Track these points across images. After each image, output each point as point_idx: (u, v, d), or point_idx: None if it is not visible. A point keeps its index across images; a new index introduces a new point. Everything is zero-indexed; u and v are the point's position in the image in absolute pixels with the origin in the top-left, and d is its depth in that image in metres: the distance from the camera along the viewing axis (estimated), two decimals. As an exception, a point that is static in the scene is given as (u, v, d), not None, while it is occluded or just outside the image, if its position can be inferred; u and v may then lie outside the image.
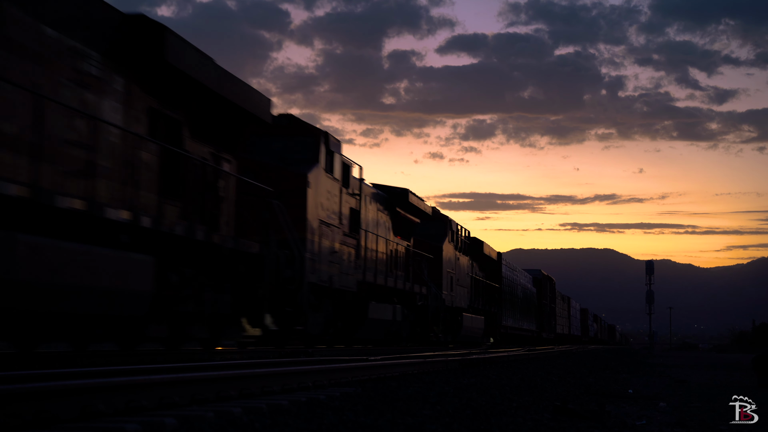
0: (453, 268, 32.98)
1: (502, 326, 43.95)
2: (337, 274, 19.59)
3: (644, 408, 9.59)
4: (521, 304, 51.96)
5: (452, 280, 32.61)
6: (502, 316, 43.89)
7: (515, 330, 48.83)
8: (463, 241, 35.79)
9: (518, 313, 50.00)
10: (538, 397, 9.25)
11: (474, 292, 37.85)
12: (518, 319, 49.94)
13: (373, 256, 23.11)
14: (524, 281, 54.66)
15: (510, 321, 46.83)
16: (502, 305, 44.41)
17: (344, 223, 20.46)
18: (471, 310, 36.35)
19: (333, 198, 19.69)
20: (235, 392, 7.44)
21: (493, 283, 42.79)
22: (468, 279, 36.46)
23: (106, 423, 5.24)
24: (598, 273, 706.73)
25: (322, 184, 18.98)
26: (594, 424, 7.23)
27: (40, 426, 5.08)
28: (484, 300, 40.21)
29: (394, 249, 25.50)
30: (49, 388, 5.40)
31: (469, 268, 37.01)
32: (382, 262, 24.05)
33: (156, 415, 5.68)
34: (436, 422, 6.28)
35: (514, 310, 48.66)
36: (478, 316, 37.37)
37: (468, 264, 36.64)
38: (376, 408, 6.96)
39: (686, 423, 8.10)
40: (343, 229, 20.25)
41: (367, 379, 10.63)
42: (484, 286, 40.73)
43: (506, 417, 7.01)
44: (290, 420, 5.95)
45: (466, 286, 35.88)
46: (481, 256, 40.61)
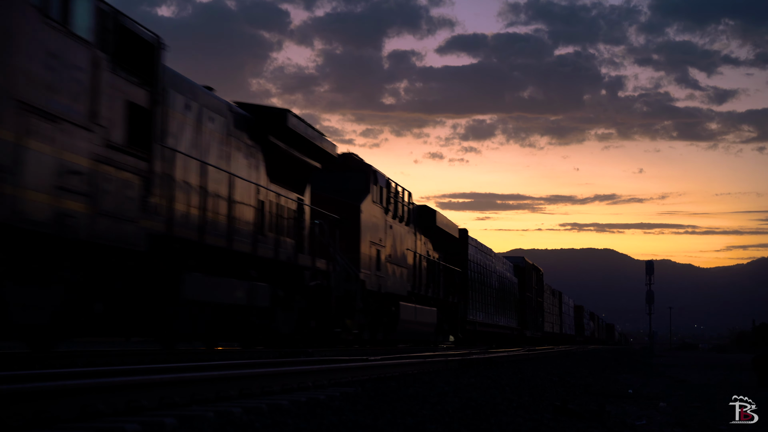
0: (382, 239, 24.41)
1: (467, 321, 36.22)
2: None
3: (644, 408, 9.59)
4: (497, 295, 43.91)
5: (381, 255, 24.08)
6: (467, 309, 36.11)
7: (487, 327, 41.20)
8: (405, 208, 27.29)
9: (492, 307, 42.13)
10: (538, 397, 9.25)
11: (422, 275, 29.09)
12: (492, 313, 42.17)
13: (215, 205, 14.68)
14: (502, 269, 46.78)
15: (480, 315, 39.07)
16: (469, 295, 36.46)
17: None
18: (416, 299, 27.80)
19: None
20: (235, 392, 7.43)
21: (455, 267, 34.09)
22: (412, 257, 27.73)
23: (106, 423, 5.24)
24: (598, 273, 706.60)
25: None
26: (594, 424, 7.23)
27: (40, 426, 5.07)
28: (441, 287, 31.87)
29: (268, 201, 17.16)
30: (49, 388, 5.39)
31: (414, 244, 28.41)
32: (246, 219, 15.96)
33: (156, 415, 5.68)
34: (436, 422, 6.28)
35: (486, 303, 40.63)
36: (426, 308, 28.40)
37: (412, 238, 28.06)
38: (376, 408, 6.95)
39: (686, 423, 8.10)
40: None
41: (367, 379, 10.62)
42: (440, 270, 32.05)
43: (506, 417, 7.01)
44: (290, 420, 5.95)
45: (407, 266, 26.95)
46: (435, 232, 31.48)
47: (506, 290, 47.16)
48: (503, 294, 46.01)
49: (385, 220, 25.00)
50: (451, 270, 33.72)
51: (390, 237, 25.35)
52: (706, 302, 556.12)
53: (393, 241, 25.62)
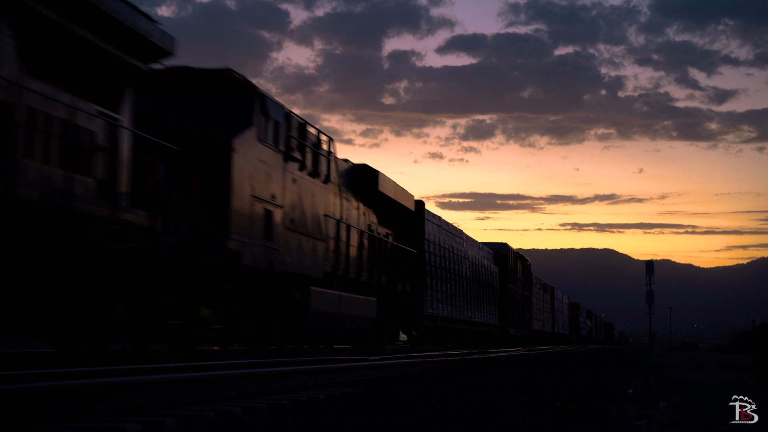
0: (277, 196, 16.62)
1: (425, 316, 29.44)
2: None
3: (644, 408, 9.59)
4: (470, 286, 37.39)
5: (274, 218, 16.42)
6: (424, 300, 29.23)
7: (455, 323, 34.82)
8: (326, 160, 19.78)
9: (462, 299, 35.65)
10: (538, 397, 9.25)
11: (357, 254, 22.00)
12: (462, 307, 35.63)
13: None
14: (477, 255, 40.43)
15: (445, 309, 32.56)
16: (427, 283, 29.91)
17: None
18: (342, 285, 20.62)
19: None
20: (235, 392, 7.44)
21: (408, 248, 26.87)
22: (334, 228, 20.17)
23: (106, 423, 5.24)
24: (598, 273, 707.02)
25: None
26: (594, 424, 7.23)
27: (40, 426, 5.08)
28: (388, 272, 24.74)
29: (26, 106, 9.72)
30: (49, 388, 5.40)
31: (340, 210, 20.75)
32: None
33: (156, 415, 5.68)
34: (436, 422, 6.28)
35: (453, 294, 34.10)
36: (358, 297, 21.59)
37: (336, 202, 20.45)
38: (376, 408, 6.96)
39: (686, 423, 8.10)
40: None
41: (367, 379, 10.63)
42: (387, 249, 24.67)
43: (506, 417, 7.01)
44: (290, 420, 5.95)
45: (325, 238, 19.42)
46: (381, 201, 24.51)
47: (483, 281, 40.33)
48: (479, 285, 39.30)
49: (284, 170, 17.05)
50: (402, 251, 26.37)
51: (293, 195, 17.50)
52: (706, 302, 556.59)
53: (300, 202, 17.85)
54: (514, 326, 47.01)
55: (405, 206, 27.18)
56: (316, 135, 19.43)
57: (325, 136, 19.98)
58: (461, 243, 37.38)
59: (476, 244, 41.62)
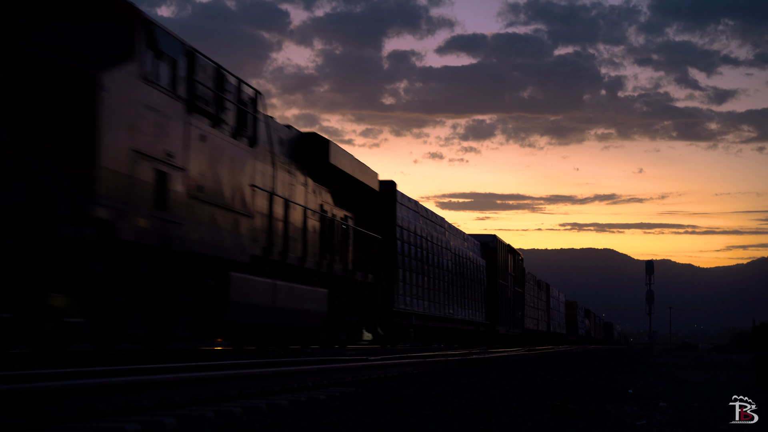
0: (175, 154, 12.91)
1: (396, 312, 25.86)
2: None
3: (644, 408, 9.59)
4: (453, 280, 34.19)
5: (171, 184, 12.75)
6: (394, 294, 25.66)
7: (434, 320, 31.35)
8: (251, 116, 15.69)
9: (443, 294, 32.44)
10: (538, 397, 9.25)
11: (291, 234, 17.38)
12: (443, 303, 32.43)
13: None
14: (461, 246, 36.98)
15: (421, 305, 29.05)
16: (399, 275, 26.47)
17: None
18: (277, 272, 16.52)
19: None
20: (235, 392, 7.44)
21: (374, 234, 23.09)
22: (266, 202, 16.19)
23: (106, 423, 5.24)
24: (598, 273, 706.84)
25: None
26: (594, 424, 7.23)
27: (40, 426, 5.07)
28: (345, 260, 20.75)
29: None
30: (49, 388, 5.40)
31: (273, 181, 16.70)
32: None
33: (156, 415, 5.68)
34: (436, 422, 6.28)
35: (432, 288, 30.75)
36: (302, 287, 17.49)
37: (268, 172, 16.40)
38: (376, 408, 6.96)
39: (686, 423, 8.10)
40: None
41: (367, 379, 10.64)
42: (341, 233, 20.72)
43: (506, 417, 7.01)
44: (290, 420, 5.95)
45: (250, 213, 15.49)
46: (335, 177, 20.45)
47: (468, 275, 36.90)
48: (463, 279, 35.87)
49: (188, 123, 13.19)
50: (367, 237, 22.65)
51: (202, 157, 13.65)
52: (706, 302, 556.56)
53: (213, 167, 14.03)
54: (504, 325, 43.55)
55: (369, 186, 22.93)
56: (236, 86, 15.23)
57: (251, 89, 16.03)
58: (442, 232, 33.76)
59: (461, 234, 38.09)
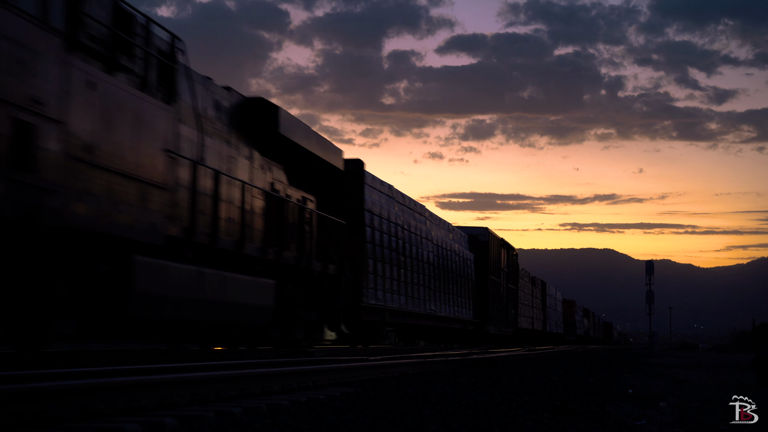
0: (46, 101, 9.41)
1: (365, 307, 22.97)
2: None
3: (644, 408, 9.59)
4: (435, 274, 31.08)
5: (36, 137, 9.22)
6: (364, 288, 22.96)
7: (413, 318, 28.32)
8: (168, 65, 12.66)
9: (425, 290, 29.47)
10: (538, 397, 9.25)
11: (225, 213, 14.58)
12: (424, 298, 29.39)
13: None
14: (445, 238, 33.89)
15: (396, 299, 26.00)
16: (369, 266, 23.53)
17: None
18: (205, 258, 13.46)
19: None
20: (235, 392, 7.44)
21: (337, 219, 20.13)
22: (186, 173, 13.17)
23: (106, 423, 5.24)
24: (598, 273, 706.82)
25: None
26: (594, 424, 7.23)
27: (40, 426, 5.07)
28: (298, 247, 17.57)
29: None
30: (49, 388, 5.40)
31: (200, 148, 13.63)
32: None
33: (156, 415, 5.68)
34: (436, 422, 6.28)
35: (410, 283, 27.58)
36: (236, 276, 14.30)
37: (193, 136, 13.51)
38: (376, 408, 6.95)
39: (686, 423, 8.10)
40: None
41: (367, 379, 10.63)
42: (296, 215, 17.77)
43: (506, 417, 7.01)
44: (290, 420, 5.94)
45: (164, 185, 11.95)
46: (283, 148, 17.39)
47: (454, 269, 33.88)
48: (447, 273, 32.82)
49: (68, 65, 9.88)
50: (333, 223, 20.03)
51: (91, 109, 10.32)
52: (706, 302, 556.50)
53: (109, 122, 10.65)
54: (496, 323, 40.37)
55: (331, 164, 19.65)
56: (144, 25, 12.04)
57: (167, 32, 12.86)
58: (422, 221, 30.44)
59: (445, 224, 34.66)
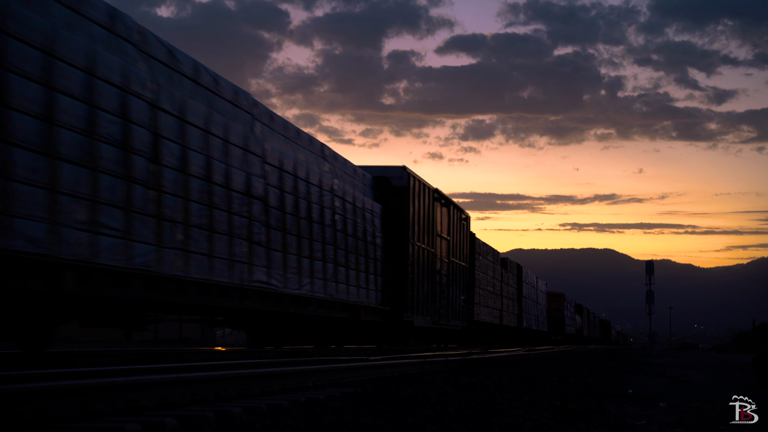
0: None
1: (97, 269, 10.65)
2: None
3: (644, 408, 9.59)
4: (279, 221, 16.99)
5: None
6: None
7: (214, 293, 14.11)
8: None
9: (246, 243, 15.34)
10: (538, 397, 9.25)
11: None
12: (244, 259, 15.22)
13: None
14: (316, 168, 19.57)
15: (181, 261, 13.07)
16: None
17: None
18: None
19: None
20: (235, 392, 7.44)
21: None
22: None
23: (106, 423, 5.24)
24: (598, 273, 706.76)
25: None
26: (594, 424, 7.24)
27: (40, 426, 5.08)
28: None
29: None
30: (49, 388, 5.40)
31: None
32: None
33: (156, 415, 5.68)
34: (437, 422, 6.28)
35: (221, 232, 14.34)
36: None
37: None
38: (376, 408, 6.96)
39: (686, 423, 8.10)
40: None
41: (367, 379, 10.63)
42: None
43: (506, 417, 7.01)
44: (290, 420, 5.94)
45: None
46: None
47: (336, 223, 20.86)
48: (321, 228, 19.51)
49: None
50: None
51: None
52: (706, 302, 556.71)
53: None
54: (423, 312, 27.41)
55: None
56: None
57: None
58: (245, 122, 16.63)
59: (318, 147, 20.58)
